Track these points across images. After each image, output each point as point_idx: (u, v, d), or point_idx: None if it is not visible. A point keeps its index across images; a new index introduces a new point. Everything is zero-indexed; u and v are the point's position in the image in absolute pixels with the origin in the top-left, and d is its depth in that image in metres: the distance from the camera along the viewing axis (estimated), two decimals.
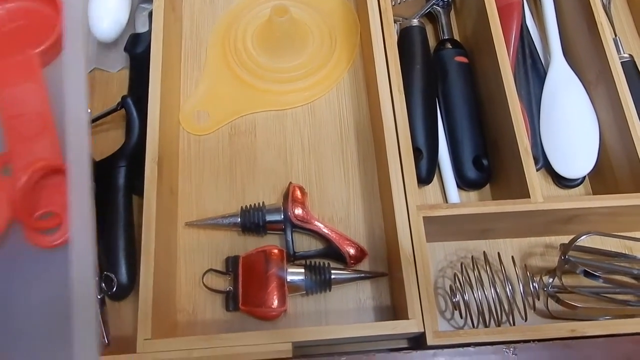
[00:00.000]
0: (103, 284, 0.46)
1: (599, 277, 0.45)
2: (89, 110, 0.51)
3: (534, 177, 0.47)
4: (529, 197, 0.46)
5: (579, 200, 0.46)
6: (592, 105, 0.54)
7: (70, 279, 0.29)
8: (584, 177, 0.55)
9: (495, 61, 0.51)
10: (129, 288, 0.48)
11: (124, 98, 0.52)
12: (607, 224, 0.51)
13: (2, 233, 0.33)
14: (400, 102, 0.49)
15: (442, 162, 0.54)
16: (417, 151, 0.52)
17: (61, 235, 0.34)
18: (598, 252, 0.50)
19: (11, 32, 0.40)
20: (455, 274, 0.48)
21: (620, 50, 0.58)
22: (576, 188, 0.55)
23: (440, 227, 0.49)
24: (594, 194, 0.54)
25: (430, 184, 0.54)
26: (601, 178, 0.54)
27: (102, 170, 0.51)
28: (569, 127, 0.54)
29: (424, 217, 0.45)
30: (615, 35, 0.59)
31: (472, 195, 0.55)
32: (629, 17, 0.63)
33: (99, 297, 0.46)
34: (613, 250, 0.51)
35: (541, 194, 0.46)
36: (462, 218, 0.46)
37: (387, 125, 0.48)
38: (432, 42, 0.60)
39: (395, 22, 0.57)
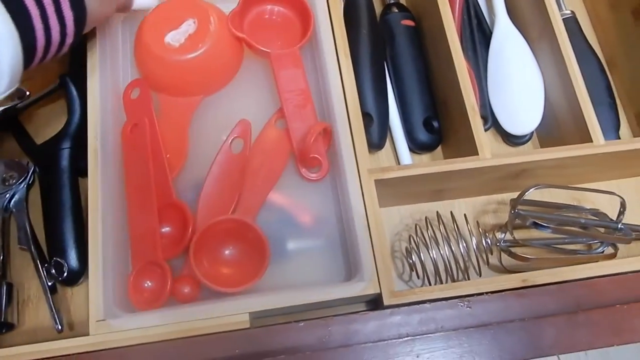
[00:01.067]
0: (53, 270, 0.45)
1: (548, 227, 0.46)
2: (28, 93, 0.49)
3: (482, 135, 0.47)
4: (478, 154, 0.47)
5: (526, 154, 0.47)
6: (537, 62, 0.55)
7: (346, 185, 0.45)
8: (532, 134, 0.56)
9: (440, 22, 0.51)
10: (81, 273, 0.46)
11: (62, 77, 0.50)
12: (555, 177, 0.52)
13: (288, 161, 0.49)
14: (347, 68, 0.49)
15: (393, 126, 0.55)
16: (367, 116, 0.52)
17: (322, 173, 0.48)
18: (547, 205, 0.51)
19: (266, 27, 0.53)
20: (410, 236, 0.49)
21: (562, 7, 0.59)
22: (525, 145, 0.56)
23: (394, 190, 0.49)
24: (542, 145, 0.56)
25: (382, 149, 0.54)
26: (548, 133, 0.55)
27: (46, 153, 0.49)
28: (515, 85, 0.55)
29: (375, 181, 0.45)
30: None
31: (425, 157, 0.55)
32: None
33: (49, 283, 0.45)
34: (562, 202, 0.52)
35: (490, 151, 0.47)
36: (413, 179, 0.46)
37: (335, 91, 0.48)
38: (380, 7, 0.59)
39: None
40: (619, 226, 0.49)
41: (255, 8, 0.53)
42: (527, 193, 0.47)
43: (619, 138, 0.54)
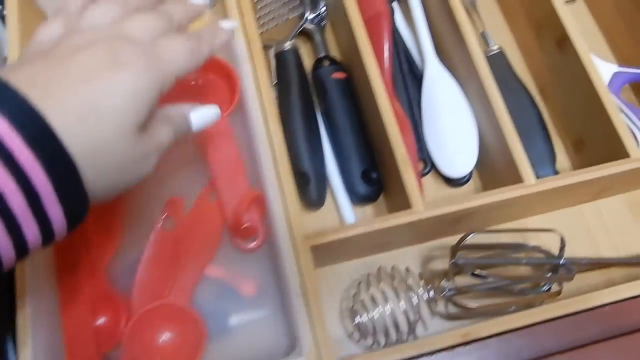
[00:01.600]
0: None
1: (485, 277, 0.46)
2: None
3: (413, 186, 0.47)
4: (411, 207, 0.46)
5: (458, 203, 0.47)
6: (468, 102, 0.55)
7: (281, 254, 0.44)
8: (471, 174, 0.56)
9: (366, 73, 0.51)
10: None
11: None
12: (496, 217, 0.52)
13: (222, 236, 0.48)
14: (276, 132, 0.48)
15: (332, 181, 0.54)
16: (304, 175, 0.52)
17: (257, 244, 0.48)
18: (489, 247, 0.51)
19: (190, 96, 0.49)
20: (354, 294, 0.48)
21: (489, 44, 0.60)
22: (467, 185, 0.56)
23: (337, 249, 0.49)
24: (483, 189, 0.56)
25: (324, 205, 0.54)
26: (486, 173, 0.55)
27: None
28: (448, 127, 0.55)
29: (311, 247, 0.45)
30: (484, 30, 0.60)
31: (368, 209, 0.55)
32: (496, 10, 0.65)
33: None
34: (505, 242, 0.52)
35: (422, 202, 0.47)
36: (350, 240, 0.46)
37: (264, 157, 0.47)
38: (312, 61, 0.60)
39: (269, 47, 0.57)
40: (561, 262, 0.49)
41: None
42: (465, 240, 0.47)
43: (556, 171, 0.54)
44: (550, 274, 0.50)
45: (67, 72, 0.28)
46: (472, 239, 0.48)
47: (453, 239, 0.52)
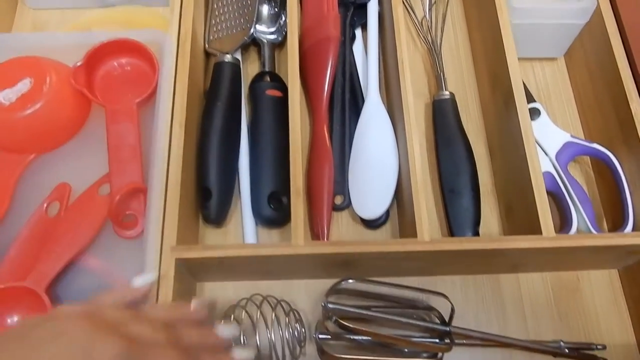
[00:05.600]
0: None
1: (352, 329, 0.43)
2: None
3: (299, 220, 0.45)
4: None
5: (338, 245, 0.44)
6: (397, 145, 0.52)
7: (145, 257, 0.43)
8: (386, 218, 0.53)
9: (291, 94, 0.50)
10: None
11: None
12: (389, 269, 0.49)
13: (100, 229, 0.48)
14: (179, 138, 0.48)
15: (243, 200, 0.53)
16: (206, 191, 0.51)
17: (137, 231, 0.48)
18: (377, 297, 0.48)
19: (119, 79, 0.54)
20: (224, 314, 0.47)
21: (442, 88, 0.57)
22: (382, 228, 0.53)
23: (217, 268, 0.47)
24: (400, 235, 0.53)
25: (236, 223, 0.53)
26: (401, 220, 0.52)
27: None
28: (371, 166, 0.52)
29: (178, 259, 0.44)
30: (440, 72, 0.57)
31: (275, 233, 0.53)
32: (467, 56, 0.62)
33: None
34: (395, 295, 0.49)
35: (303, 238, 0.44)
36: (219, 260, 0.45)
37: (158, 159, 0.47)
38: None
39: (213, 55, 0.57)
40: (448, 329, 0.45)
41: (109, 62, 0.53)
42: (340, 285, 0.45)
43: (476, 233, 0.51)
44: (437, 339, 0.46)
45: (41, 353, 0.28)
46: (358, 286, 0.46)
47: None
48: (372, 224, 0.53)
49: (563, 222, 0.52)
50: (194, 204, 0.51)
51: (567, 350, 0.47)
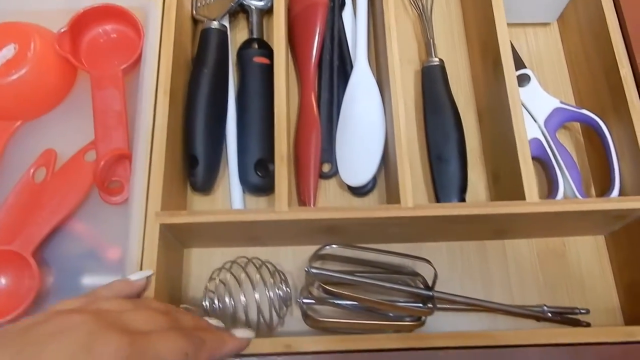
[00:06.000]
0: None
1: (334, 293, 0.43)
2: None
3: (283, 186, 0.45)
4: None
5: (322, 211, 0.44)
6: (384, 113, 0.52)
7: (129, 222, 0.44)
8: (373, 186, 0.53)
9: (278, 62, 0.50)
10: None
11: None
12: (372, 235, 0.49)
13: (86, 195, 0.48)
14: (163, 105, 0.47)
15: (230, 167, 0.53)
16: (192, 158, 0.51)
17: (122, 197, 0.49)
18: (362, 263, 0.49)
19: (105, 46, 0.54)
20: (211, 278, 0.47)
21: (431, 54, 0.56)
22: (370, 196, 0.53)
23: (202, 234, 0.48)
24: (387, 202, 0.53)
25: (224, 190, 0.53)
26: (388, 188, 0.52)
27: None
28: (357, 134, 0.52)
29: (162, 224, 0.44)
30: (429, 39, 0.57)
31: (262, 201, 0.54)
32: (458, 23, 0.61)
33: None
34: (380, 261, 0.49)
35: (287, 203, 0.45)
36: (205, 226, 0.45)
37: (143, 124, 0.47)
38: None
39: (201, 22, 0.56)
40: (431, 294, 0.46)
41: (95, 28, 0.53)
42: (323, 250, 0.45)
43: (462, 199, 0.51)
44: (420, 304, 0.47)
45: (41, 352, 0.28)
46: (343, 251, 0.46)
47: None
48: (359, 191, 0.53)
49: (550, 189, 0.52)
50: (182, 172, 0.52)
51: (550, 315, 0.48)
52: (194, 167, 0.51)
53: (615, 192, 0.48)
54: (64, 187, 0.46)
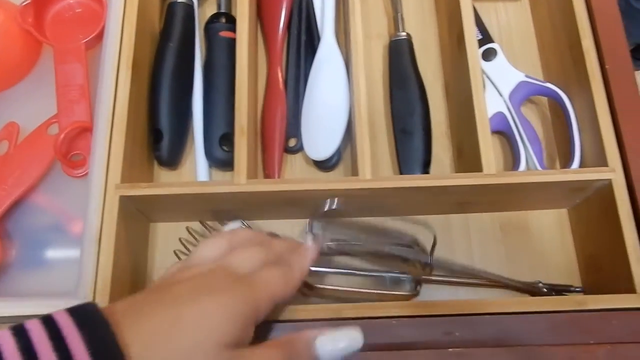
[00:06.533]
0: None
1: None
2: None
3: (242, 158, 0.45)
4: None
5: (281, 183, 0.45)
6: (349, 87, 0.52)
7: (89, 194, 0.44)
8: (337, 160, 0.53)
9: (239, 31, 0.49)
10: None
11: None
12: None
13: (48, 168, 0.49)
14: (125, 78, 0.48)
15: (196, 141, 0.53)
16: (157, 132, 0.51)
17: (85, 170, 0.49)
18: (359, 227, 0.49)
19: (69, 20, 0.54)
20: (174, 251, 0.48)
21: (399, 29, 0.56)
22: (336, 170, 0.54)
23: (166, 207, 0.48)
24: (351, 175, 0.53)
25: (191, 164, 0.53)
26: (353, 160, 0.52)
27: None
28: (321, 108, 0.52)
29: (122, 197, 0.44)
30: (397, 13, 0.56)
31: (229, 175, 0.54)
32: None
33: None
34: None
35: (245, 176, 0.45)
36: (167, 198, 0.45)
37: (104, 97, 0.47)
38: None
39: None
40: (429, 261, 0.46)
41: (60, 2, 0.53)
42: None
43: (426, 172, 0.51)
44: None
45: (161, 299, 0.32)
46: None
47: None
48: (323, 166, 0.53)
49: (514, 162, 0.52)
50: (147, 145, 0.52)
51: (545, 290, 0.48)
52: (159, 141, 0.51)
53: (576, 164, 0.48)
54: (26, 160, 0.47)
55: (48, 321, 0.27)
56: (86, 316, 0.28)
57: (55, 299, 0.42)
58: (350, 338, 0.35)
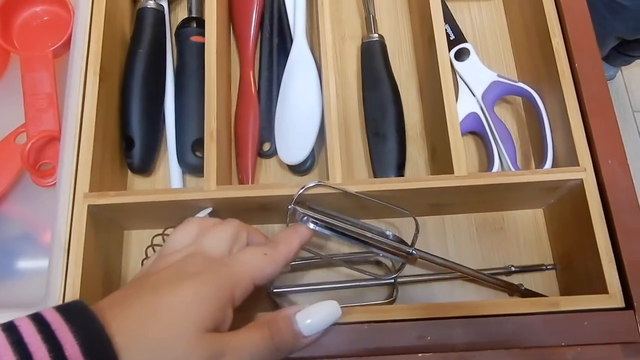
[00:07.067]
0: None
1: (324, 225, 0.43)
2: None
3: (212, 164, 0.45)
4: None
5: (248, 188, 0.44)
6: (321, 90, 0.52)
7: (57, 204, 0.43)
8: (311, 164, 0.53)
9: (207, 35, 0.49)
10: None
11: None
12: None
13: (17, 177, 0.49)
14: (93, 85, 0.47)
15: (169, 148, 0.53)
16: (128, 139, 0.50)
17: (54, 179, 0.48)
18: (339, 218, 0.48)
19: (37, 28, 0.54)
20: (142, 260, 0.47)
21: (371, 30, 0.56)
22: (310, 174, 0.53)
23: (138, 214, 0.48)
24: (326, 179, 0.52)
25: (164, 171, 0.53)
26: (326, 164, 0.52)
27: None
28: (294, 112, 0.52)
29: (90, 205, 0.44)
30: (369, 14, 0.56)
31: (202, 181, 0.53)
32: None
33: None
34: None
35: (215, 182, 0.45)
36: (136, 206, 0.45)
37: (72, 108, 0.46)
38: None
39: (138, 2, 0.56)
40: (412, 251, 0.45)
41: (27, 10, 0.53)
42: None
43: (400, 175, 0.51)
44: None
45: (140, 291, 0.32)
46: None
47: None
48: (297, 170, 0.53)
49: (488, 163, 0.52)
50: (119, 153, 0.52)
51: (516, 270, 0.48)
52: (130, 148, 0.50)
53: (548, 164, 0.48)
54: None
55: (36, 317, 0.28)
56: (74, 311, 0.29)
57: (23, 310, 0.41)
58: (328, 310, 0.36)
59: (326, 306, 0.36)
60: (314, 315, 0.35)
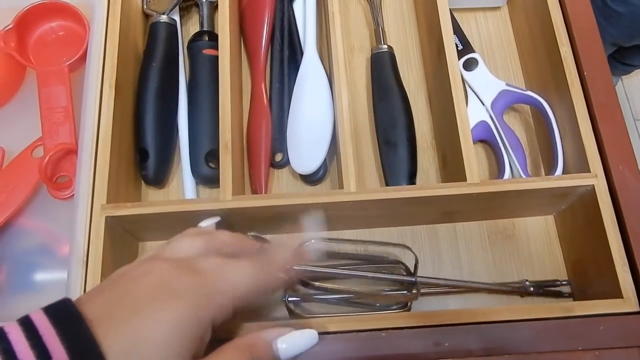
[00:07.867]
0: None
1: (314, 286, 0.44)
2: None
3: (227, 174, 0.46)
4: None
5: (264, 198, 0.45)
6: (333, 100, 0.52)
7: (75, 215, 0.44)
8: (324, 173, 0.53)
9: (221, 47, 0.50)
10: None
11: None
12: (336, 222, 0.49)
13: (34, 190, 0.49)
14: (109, 98, 0.48)
15: (182, 159, 0.53)
16: (143, 152, 0.51)
17: (71, 192, 0.49)
18: (344, 257, 0.49)
19: (53, 43, 0.55)
20: None
21: (380, 41, 0.57)
22: (323, 184, 0.54)
23: (154, 226, 0.48)
24: (339, 187, 0.53)
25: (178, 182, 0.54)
26: (339, 173, 0.53)
27: None
28: (306, 122, 0.52)
29: (108, 217, 0.44)
30: (378, 26, 0.57)
31: (216, 192, 0.54)
32: (409, 10, 0.61)
33: None
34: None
35: (231, 192, 0.45)
36: (153, 217, 0.45)
37: (88, 119, 0.47)
38: None
39: (150, 16, 0.57)
40: (415, 280, 0.46)
41: (43, 25, 0.54)
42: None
43: (412, 183, 0.51)
44: (405, 291, 0.47)
45: (123, 296, 0.31)
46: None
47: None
48: (310, 179, 0.53)
49: (499, 170, 0.52)
50: (134, 165, 0.52)
51: (532, 289, 0.48)
52: (145, 160, 0.51)
53: (559, 170, 0.49)
54: (12, 183, 0.47)
55: (25, 322, 0.28)
56: (61, 313, 0.29)
57: None
58: (307, 337, 0.35)
59: (305, 334, 0.35)
60: (294, 342, 0.35)
